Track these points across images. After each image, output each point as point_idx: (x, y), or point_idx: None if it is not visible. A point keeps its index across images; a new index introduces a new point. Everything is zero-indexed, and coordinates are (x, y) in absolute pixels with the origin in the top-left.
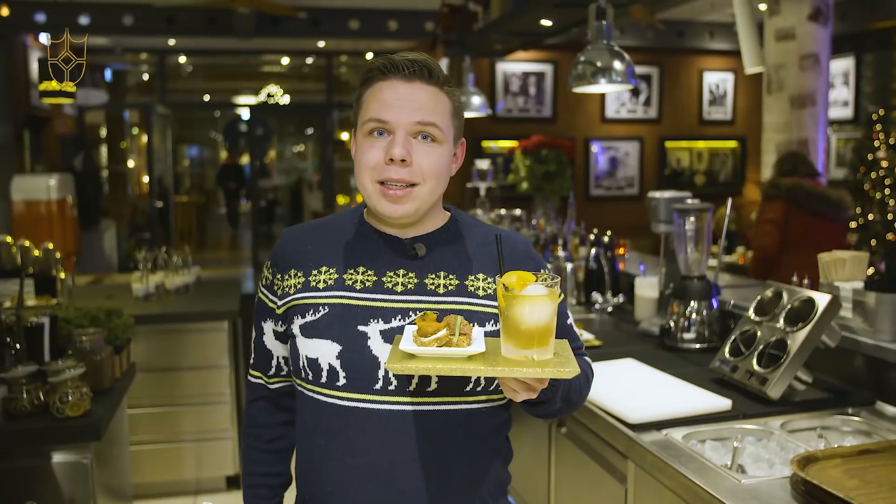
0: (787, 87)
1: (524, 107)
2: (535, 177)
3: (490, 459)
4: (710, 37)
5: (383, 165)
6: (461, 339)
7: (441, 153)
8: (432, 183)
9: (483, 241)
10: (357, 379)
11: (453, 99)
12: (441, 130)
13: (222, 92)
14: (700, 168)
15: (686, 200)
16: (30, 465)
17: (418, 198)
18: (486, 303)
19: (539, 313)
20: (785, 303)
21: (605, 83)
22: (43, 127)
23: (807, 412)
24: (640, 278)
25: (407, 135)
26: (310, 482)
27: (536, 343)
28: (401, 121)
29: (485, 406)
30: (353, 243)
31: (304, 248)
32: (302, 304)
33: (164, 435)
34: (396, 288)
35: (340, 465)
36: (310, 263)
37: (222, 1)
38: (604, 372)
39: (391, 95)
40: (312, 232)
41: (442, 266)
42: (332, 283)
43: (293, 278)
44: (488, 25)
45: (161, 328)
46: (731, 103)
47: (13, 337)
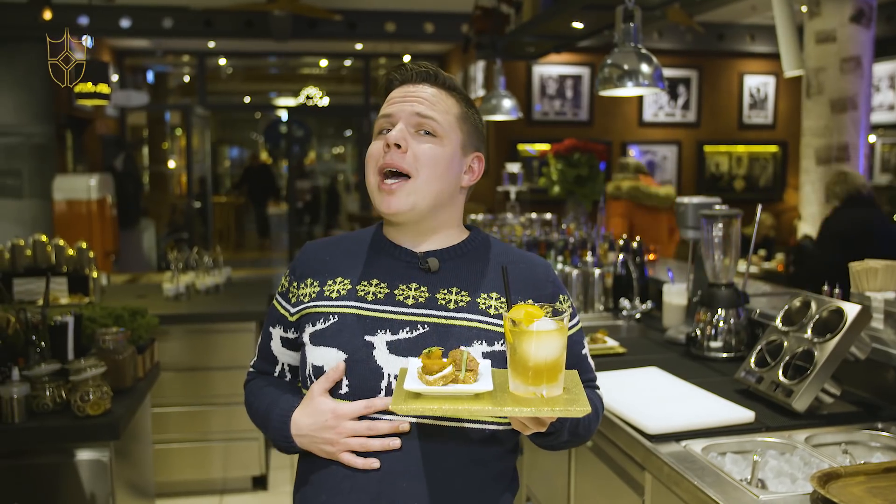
0: (827, 90)
1: (560, 110)
2: (567, 181)
3: (492, 485)
4: (751, 39)
5: (381, 153)
6: (468, 375)
7: (440, 148)
8: (426, 174)
9: (501, 262)
10: (360, 388)
11: (461, 104)
12: (441, 126)
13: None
14: (739, 173)
15: (714, 206)
16: (51, 463)
17: (413, 192)
18: (497, 322)
19: (548, 349)
20: (813, 313)
21: (631, 86)
22: (85, 128)
23: (833, 426)
24: (669, 285)
25: (406, 125)
26: (306, 490)
27: (546, 379)
28: (402, 114)
29: (489, 427)
30: (369, 256)
31: (322, 258)
32: (314, 312)
33: (191, 434)
34: (408, 301)
35: (336, 475)
36: (326, 274)
37: (258, 3)
38: (625, 381)
39: (398, 95)
40: (333, 245)
41: (455, 282)
42: (345, 293)
43: (309, 287)
44: (520, 28)
45: (191, 328)
46: (772, 107)
47: (38, 335)
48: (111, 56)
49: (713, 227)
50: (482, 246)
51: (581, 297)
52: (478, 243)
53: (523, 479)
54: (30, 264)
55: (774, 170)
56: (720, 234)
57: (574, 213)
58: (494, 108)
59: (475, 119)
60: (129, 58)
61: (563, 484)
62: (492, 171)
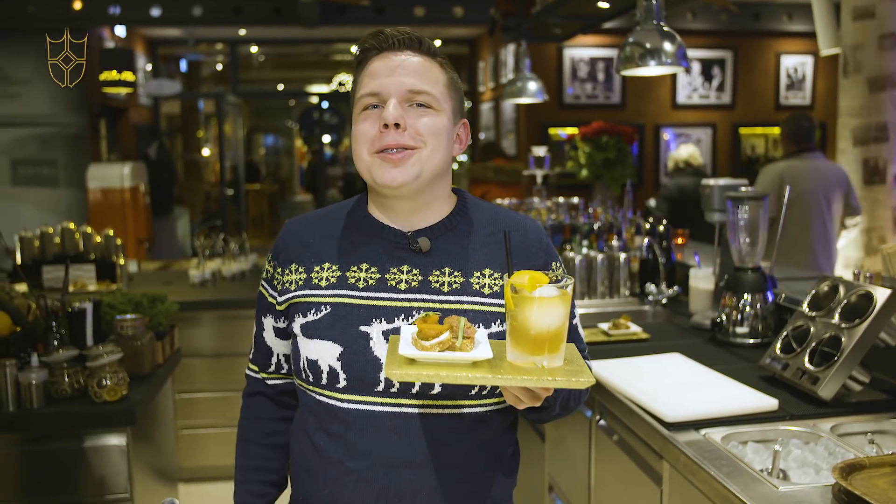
0: (864, 68)
1: (592, 93)
2: (595, 164)
3: (495, 465)
4: (788, 19)
5: (378, 134)
6: (465, 342)
7: (438, 118)
8: (432, 144)
9: (492, 231)
10: (358, 381)
11: (447, 71)
12: (435, 98)
13: (295, 81)
14: (776, 155)
15: (740, 188)
16: (69, 448)
17: (419, 162)
18: (492, 301)
19: (550, 317)
20: (841, 297)
21: (654, 65)
22: (119, 117)
23: (861, 414)
24: (695, 269)
25: (399, 101)
26: (306, 483)
27: (547, 349)
28: (392, 89)
29: (490, 410)
30: (356, 237)
31: (305, 241)
32: (303, 302)
33: (219, 420)
34: (400, 286)
35: (339, 468)
36: (311, 259)
37: None
38: (646, 367)
39: (381, 66)
40: (314, 224)
41: (447, 262)
42: (335, 280)
43: (294, 273)
44: (545, 8)
45: (216, 314)
46: (810, 87)
47: (58, 322)
48: (144, 45)
49: (739, 209)
50: (473, 213)
51: (606, 282)
52: (467, 211)
53: (545, 468)
54: (58, 252)
55: None
56: (746, 217)
57: (602, 196)
58: (520, 91)
59: (458, 83)
60: (162, 47)
61: (583, 473)
62: (522, 156)
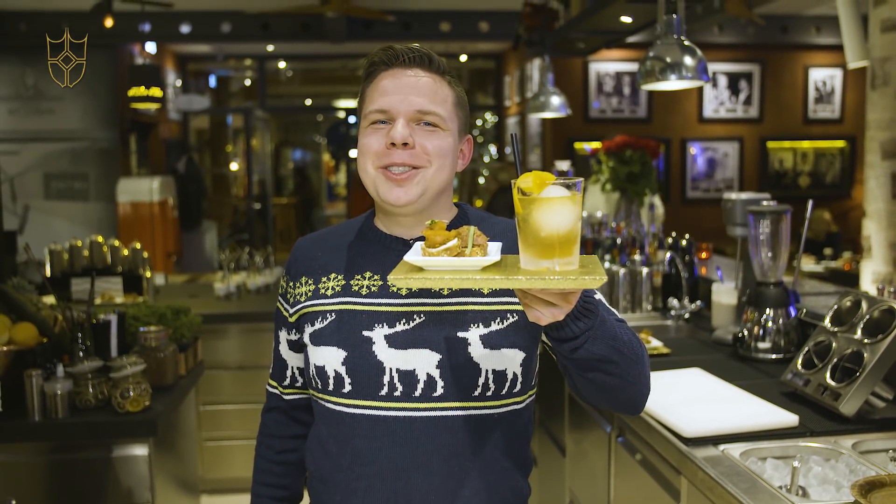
0: (892, 81)
1: (618, 107)
2: (618, 178)
3: (505, 469)
4: (817, 31)
5: (385, 150)
6: (475, 250)
7: (444, 138)
8: (437, 163)
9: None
10: (362, 385)
11: (455, 90)
12: (443, 119)
13: (322, 96)
14: (804, 169)
15: (762, 202)
16: (92, 457)
17: (423, 181)
18: (492, 299)
19: (560, 218)
20: (864, 312)
21: (675, 79)
22: (149, 132)
23: (884, 431)
24: (718, 284)
25: (408, 121)
26: (321, 492)
27: (558, 252)
28: (401, 108)
29: (496, 412)
30: (360, 248)
31: (314, 255)
32: (311, 311)
33: (243, 431)
34: (401, 291)
35: (349, 475)
36: (319, 271)
37: (312, 6)
38: (666, 382)
39: (391, 84)
40: (321, 239)
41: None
42: (340, 289)
43: (304, 286)
44: (568, 23)
45: (241, 327)
46: (839, 101)
47: (83, 333)
48: (174, 61)
49: (760, 223)
50: (472, 223)
51: (628, 297)
52: (468, 221)
53: (566, 483)
54: (87, 265)
55: (842, 165)
56: (768, 231)
57: (625, 210)
58: (543, 106)
59: (465, 101)
60: (192, 63)
61: (603, 489)
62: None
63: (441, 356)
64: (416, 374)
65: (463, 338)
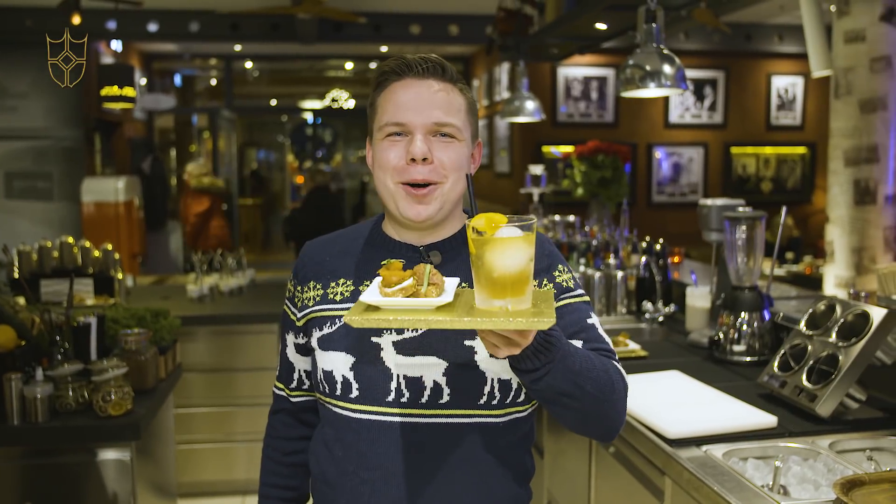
0: (856, 90)
1: (586, 111)
2: (591, 182)
3: (508, 476)
4: (779, 40)
5: (405, 166)
6: (430, 289)
7: (460, 149)
8: (453, 177)
9: None
10: (369, 390)
11: (467, 97)
12: (458, 129)
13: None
14: (767, 175)
15: (738, 208)
16: (73, 462)
17: (441, 196)
18: None
19: (512, 259)
20: (838, 316)
21: (654, 87)
22: (113, 131)
23: (858, 432)
24: (692, 288)
25: (425, 134)
26: (325, 495)
27: (510, 292)
28: (418, 121)
29: (501, 420)
30: (370, 254)
31: (322, 259)
32: (320, 316)
33: (216, 435)
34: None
35: (354, 479)
36: (328, 276)
37: (284, 6)
38: (646, 384)
39: (406, 96)
40: (330, 243)
41: (456, 273)
42: (349, 294)
43: (312, 290)
44: (543, 29)
45: (214, 329)
46: (800, 108)
47: (62, 336)
48: (139, 60)
49: (736, 229)
50: None
51: (603, 300)
52: None
53: (544, 483)
54: (57, 266)
55: (803, 171)
56: (743, 237)
57: (598, 214)
58: (518, 110)
59: (476, 105)
60: (158, 62)
61: (583, 488)
62: (516, 174)
63: (448, 364)
64: (423, 381)
65: (469, 346)
